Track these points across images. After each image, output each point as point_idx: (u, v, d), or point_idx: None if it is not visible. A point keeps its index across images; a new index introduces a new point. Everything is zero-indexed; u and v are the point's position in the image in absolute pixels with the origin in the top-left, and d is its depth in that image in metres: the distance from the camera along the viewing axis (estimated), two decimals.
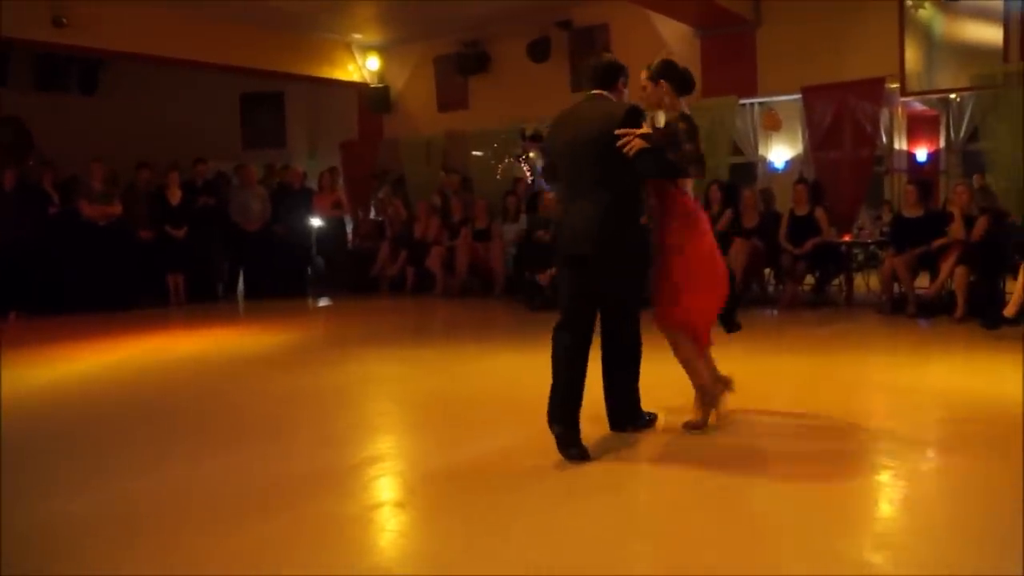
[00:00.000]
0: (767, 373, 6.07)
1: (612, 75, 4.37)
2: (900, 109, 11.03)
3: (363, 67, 14.07)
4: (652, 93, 4.47)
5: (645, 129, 4.08)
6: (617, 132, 4.01)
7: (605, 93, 4.33)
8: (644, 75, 4.50)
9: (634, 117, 4.09)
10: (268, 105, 15.54)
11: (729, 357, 6.76)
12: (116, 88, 13.80)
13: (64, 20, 10.43)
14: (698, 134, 4.23)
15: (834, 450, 4.16)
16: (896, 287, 8.72)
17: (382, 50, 14.09)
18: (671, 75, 4.44)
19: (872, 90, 9.75)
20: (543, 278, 9.77)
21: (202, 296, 11.57)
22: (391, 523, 3.34)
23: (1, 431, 4.66)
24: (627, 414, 4.49)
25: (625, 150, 3.97)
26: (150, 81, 13.64)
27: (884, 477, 3.75)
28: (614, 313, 4.36)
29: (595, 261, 4.09)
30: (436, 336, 9.11)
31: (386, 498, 3.64)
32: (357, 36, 13.50)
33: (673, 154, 4.13)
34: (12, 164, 10.93)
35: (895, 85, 9.77)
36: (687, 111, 4.35)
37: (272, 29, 12.45)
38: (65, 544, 3.17)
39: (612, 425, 4.46)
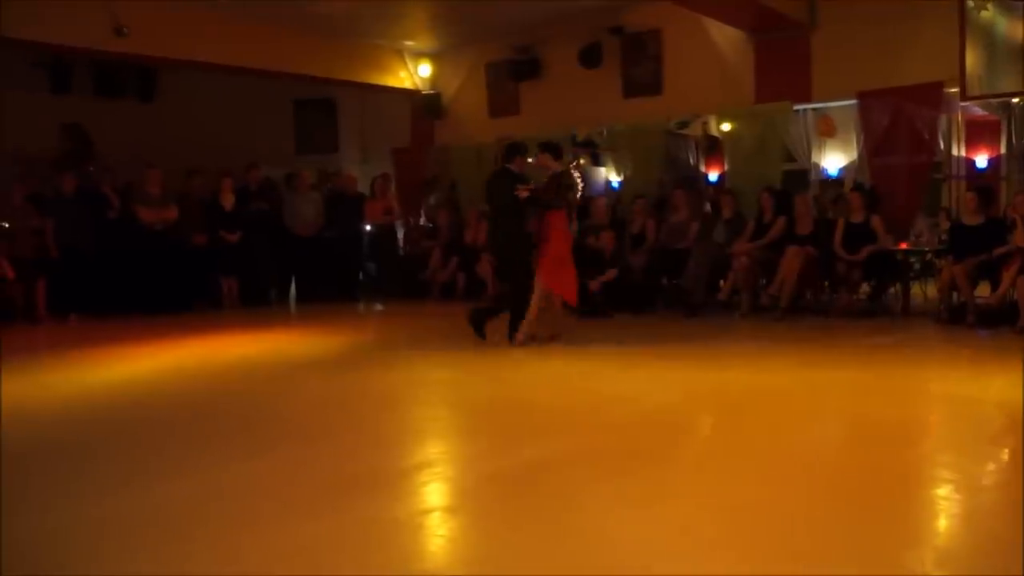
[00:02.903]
0: (821, 383, 5.97)
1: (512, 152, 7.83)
2: (960, 114, 10.79)
3: (415, 73, 14.16)
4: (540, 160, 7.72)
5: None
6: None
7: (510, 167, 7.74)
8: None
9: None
10: (321, 111, 15.72)
11: (783, 367, 6.69)
12: (173, 95, 14.06)
13: (125, 30, 10.65)
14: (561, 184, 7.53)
15: (892, 462, 4.06)
16: (955, 296, 8.52)
17: (434, 56, 14.17)
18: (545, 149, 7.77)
19: (931, 95, 9.54)
20: (593, 284, 9.72)
21: (254, 300, 11.70)
22: (441, 528, 3.33)
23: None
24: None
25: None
26: (205, 88, 13.87)
27: (944, 491, 3.66)
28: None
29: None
30: (485, 341, 9.10)
31: (436, 503, 3.63)
32: (409, 43, 13.59)
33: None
34: (73, 169, 11.19)
35: (954, 89, 9.55)
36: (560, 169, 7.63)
37: (325, 37, 12.59)
38: (115, 542, 3.20)
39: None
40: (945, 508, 3.48)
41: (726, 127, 11.36)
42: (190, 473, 4.03)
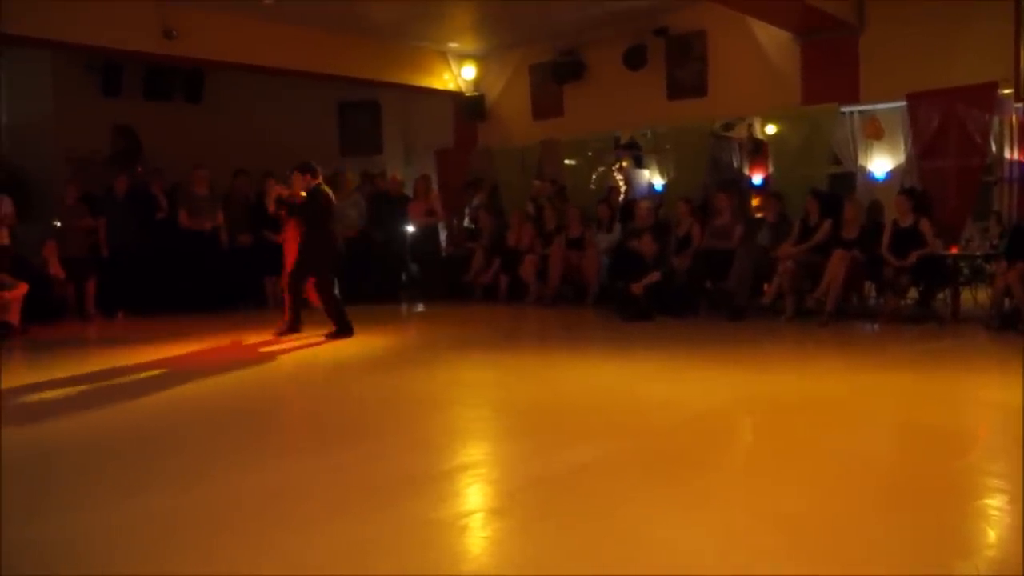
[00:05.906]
0: (868, 389, 5.88)
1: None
2: (1013, 116, 10.58)
3: (458, 75, 14.21)
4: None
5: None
6: None
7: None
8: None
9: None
10: (365, 113, 15.82)
11: (830, 372, 6.61)
12: (220, 97, 14.22)
13: (174, 33, 10.83)
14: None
15: (943, 470, 3.99)
16: (1006, 303, 8.34)
17: (478, 58, 14.20)
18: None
19: (984, 96, 9.35)
20: (636, 288, 9.68)
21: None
22: (486, 530, 3.32)
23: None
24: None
25: None
26: (252, 90, 14.02)
27: (996, 501, 3.58)
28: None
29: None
30: (529, 343, 9.11)
31: (480, 504, 3.63)
32: (453, 45, 13.64)
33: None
34: (124, 171, 11.39)
35: (1008, 91, 9.36)
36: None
37: (369, 39, 12.68)
38: (159, 540, 3.22)
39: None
40: (997, 519, 3.40)
41: (771, 129, 11.25)
42: (232, 474, 4.07)
